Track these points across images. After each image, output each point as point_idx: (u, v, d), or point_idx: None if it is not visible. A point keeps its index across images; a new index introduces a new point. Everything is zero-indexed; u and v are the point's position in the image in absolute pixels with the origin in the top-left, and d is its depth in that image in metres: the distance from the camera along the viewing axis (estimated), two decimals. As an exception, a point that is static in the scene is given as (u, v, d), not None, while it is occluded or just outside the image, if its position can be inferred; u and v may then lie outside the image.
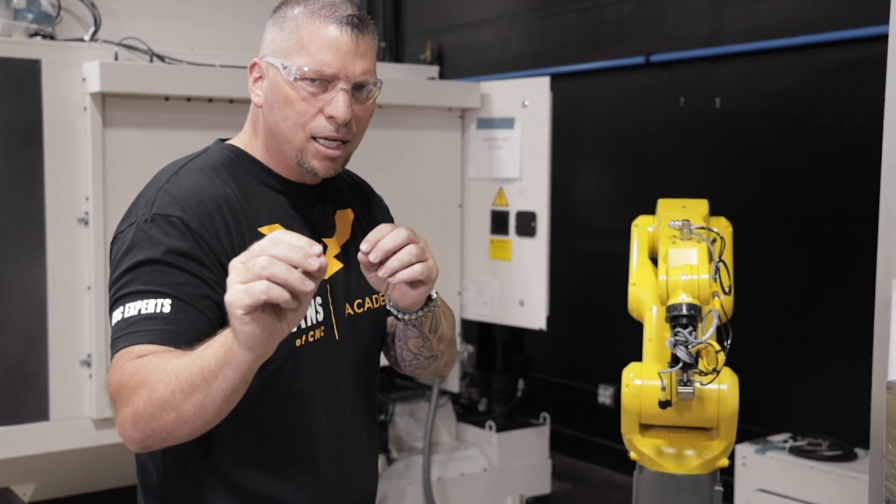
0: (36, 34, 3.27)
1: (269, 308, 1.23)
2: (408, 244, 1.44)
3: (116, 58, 3.29)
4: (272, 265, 1.21)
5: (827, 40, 4.08)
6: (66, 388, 3.17)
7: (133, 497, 1.70)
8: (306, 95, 1.54)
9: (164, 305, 1.44)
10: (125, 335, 1.43)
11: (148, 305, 1.44)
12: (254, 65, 1.62)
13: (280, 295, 1.20)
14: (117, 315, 1.46)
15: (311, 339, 1.60)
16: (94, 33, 3.42)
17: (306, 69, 1.53)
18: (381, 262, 1.44)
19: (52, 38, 3.31)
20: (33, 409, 3.13)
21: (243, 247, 1.51)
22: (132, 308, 1.45)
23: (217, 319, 1.47)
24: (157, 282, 1.46)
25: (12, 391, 3.10)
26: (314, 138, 1.57)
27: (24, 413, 3.12)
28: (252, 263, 1.22)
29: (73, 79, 3.13)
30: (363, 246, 1.44)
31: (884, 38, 2.09)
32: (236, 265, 1.24)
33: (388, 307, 1.62)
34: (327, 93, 1.55)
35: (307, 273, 1.22)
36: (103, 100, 3.15)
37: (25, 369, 3.12)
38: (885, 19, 2.11)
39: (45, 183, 3.11)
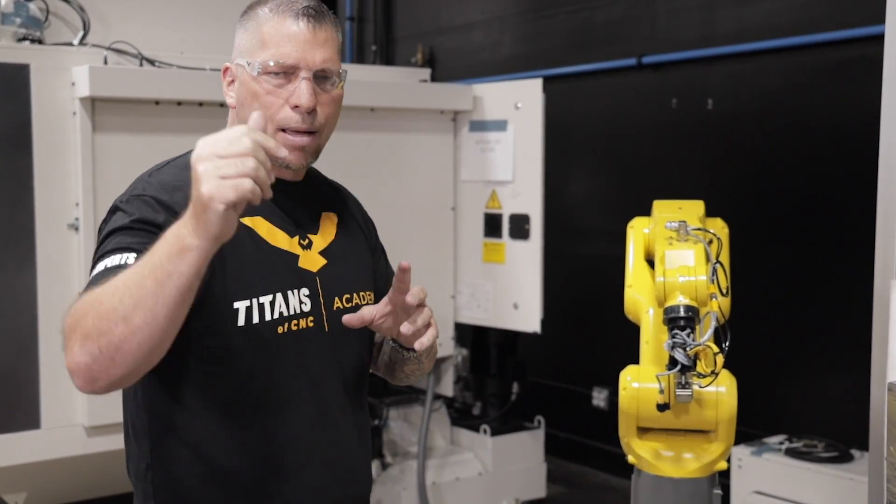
0: (24, 38, 3.24)
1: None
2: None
3: (106, 62, 3.26)
4: (259, 168, 1.27)
5: (818, 41, 4.08)
6: (57, 395, 3.14)
7: (124, 505, 1.69)
8: (271, 89, 1.60)
9: (129, 258, 1.45)
10: (87, 288, 1.43)
11: (112, 260, 1.46)
12: (226, 69, 1.69)
13: (258, 196, 1.27)
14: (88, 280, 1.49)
15: (294, 328, 1.63)
16: (83, 37, 3.40)
17: (270, 63, 1.60)
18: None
19: (40, 42, 3.28)
20: (24, 418, 3.11)
21: None
22: (99, 266, 1.47)
23: None
24: (123, 242, 1.49)
25: (3, 399, 3.08)
26: (283, 130, 1.62)
27: (15, 421, 3.09)
28: (240, 163, 1.25)
29: (63, 83, 3.11)
30: (410, 298, 1.57)
31: (875, 39, 2.10)
32: (211, 157, 1.26)
33: (392, 345, 1.72)
34: (291, 84, 1.60)
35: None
36: (93, 104, 3.12)
37: (16, 377, 3.09)
38: (876, 20, 2.11)
39: (35, 188, 3.08)
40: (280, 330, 1.60)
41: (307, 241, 1.69)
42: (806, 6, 4.17)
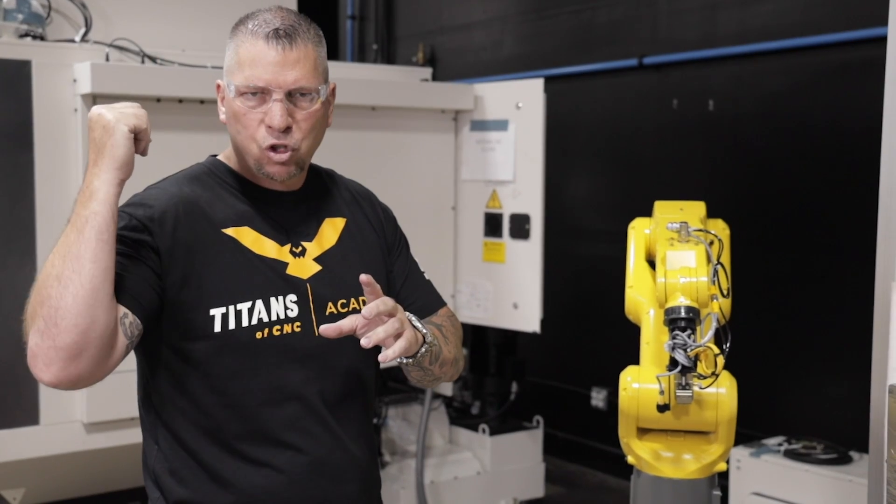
0: (26, 35, 3.24)
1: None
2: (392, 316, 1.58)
3: (107, 59, 3.26)
4: (149, 126, 1.56)
5: (819, 43, 4.08)
6: (56, 392, 3.13)
7: (122, 501, 1.75)
8: (247, 110, 1.66)
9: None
10: None
11: None
12: (218, 86, 1.75)
13: (145, 141, 1.55)
14: None
15: (276, 334, 1.67)
16: (85, 34, 3.39)
17: (243, 85, 1.65)
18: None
19: (42, 38, 3.28)
20: (23, 414, 3.10)
21: (199, 242, 1.65)
22: None
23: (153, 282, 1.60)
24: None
25: (2, 395, 3.07)
26: (264, 148, 1.67)
27: (15, 417, 3.09)
28: (137, 111, 1.55)
29: (64, 80, 3.11)
30: (364, 312, 1.55)
31: (876, 41, 2.10)
32: (111, 108, 1.53)
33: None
34: (265, 104, 1.66)
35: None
36: (94, 101, 3.11)
37: (16, 373, 3.09)
38: (878, 22, 2.11)
39: (36, 185, 3.08)
40: (259, 335, 1.66)
41: (300, 248, 1.73)
42: (807, 8, 4.17)
